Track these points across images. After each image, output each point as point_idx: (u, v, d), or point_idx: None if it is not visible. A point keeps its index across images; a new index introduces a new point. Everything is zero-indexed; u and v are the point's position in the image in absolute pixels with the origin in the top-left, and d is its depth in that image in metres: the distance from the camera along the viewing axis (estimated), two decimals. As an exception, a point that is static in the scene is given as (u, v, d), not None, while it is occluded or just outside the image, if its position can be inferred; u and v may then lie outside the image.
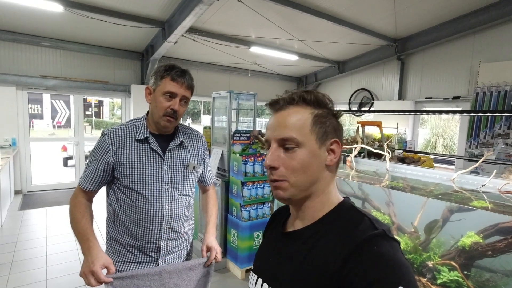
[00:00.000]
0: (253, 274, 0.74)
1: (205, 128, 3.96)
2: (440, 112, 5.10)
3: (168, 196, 1.26)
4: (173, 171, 1.28)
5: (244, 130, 3.17)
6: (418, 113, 4.88)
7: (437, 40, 5.63)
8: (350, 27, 5.32)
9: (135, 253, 1.27)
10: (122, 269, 1.27)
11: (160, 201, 1.24)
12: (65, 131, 16.76)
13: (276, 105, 0.67)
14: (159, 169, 1.25)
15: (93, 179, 1.23)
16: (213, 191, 1.54)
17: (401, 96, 6.53)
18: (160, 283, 1.19)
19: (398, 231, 1.29)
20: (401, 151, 3.88)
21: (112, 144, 1.22)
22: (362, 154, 3.06)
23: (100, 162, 1.22)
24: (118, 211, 1.26)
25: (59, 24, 5.01)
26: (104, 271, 1.10)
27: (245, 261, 2.98)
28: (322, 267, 0.57)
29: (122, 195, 1.24)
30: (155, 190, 1.23)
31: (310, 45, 6.23)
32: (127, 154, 1.22)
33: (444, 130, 9.25)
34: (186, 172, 1.32)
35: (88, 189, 1.24)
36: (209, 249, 1.32)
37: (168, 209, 1.26)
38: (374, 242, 0.54)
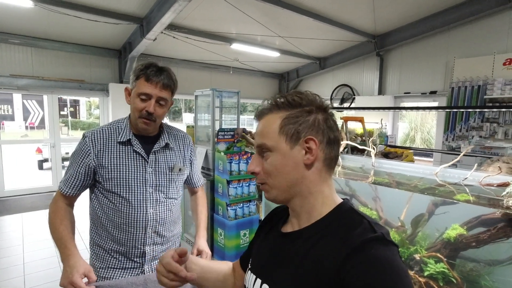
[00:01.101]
0: (251, 274, 0.73)
1: (188, 127, 3.89)
2: (418, 108, 5.27)
3: (153, 199, 1.22)
4: (158, 174, 1.24)
5: (228, 128, 3.14)
6: (396, 109, 5.01)
7: (414, 37, 5.80)
8: (330, 24, 5.37)
9: (120, 259, 1.22)
10: (107, 276, 1.22)
11: (144, 205, 1.20)
12: (39, 132, 16.05)
13: (256, 117, 0.71)
14: (143, 172, 1.21)
15: (73, 183, 1.18)
16: (202, 193, 1.51)
17: (381, 91, 6.68)
18: None
19: (385, 225, 1.31)
20: (383, 146, 3.97)
21: (93, 146, 1.17)
22: (346, 150, 3.10)
23: (81, 165, 1.17)
24: (101, 215, 1.21)
25: (30, 20, 4.75)
26: (85, 279, 1.05)
27: (233, 260, 2.95)
28: (320, 269, 0.57)
29: (105, 199, 1.20)
30: (139, 193, 1.19)
31: (291, 42, 6.25)
32: (109, 157, 1.18)
33: (422, 124, 9.58)
34: (171, 174, 1.28)
35: (68, 193, 1.19)
36: (200, 252, 1.29)
37: (153, 213, 1.22)
38: (372, 245, 0.54)
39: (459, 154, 1.47)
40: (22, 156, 10.83)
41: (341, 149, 1.99)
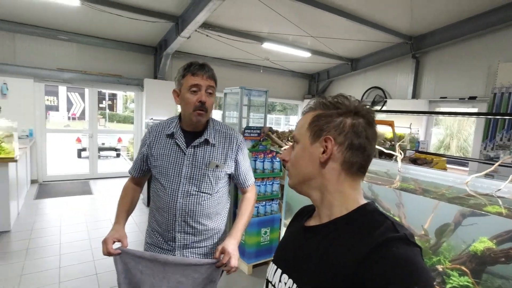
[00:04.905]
0: (273, 264, 0.76)
1: (216, 123, 3.97)
2: (456, 114, 4.99)
3: (184, 190, 1.29)
4: (194, 167, 1.30)
5: (254, 126, 3.18)
6: (427, 114, 4.78)
7: (454, 39, 5.48)
8: (364, 24, 5.23)
9: (158, 238, 1.37)
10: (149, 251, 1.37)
11: (176, 194, 1.29)
12: (79, 123, 17.12)
13: (302, 114, 0.78)
14: (180, 164, 1.31)
15: (135, 167, 1.42)
16: (251, 194, 1.45)
17: (415, 95, 6.40)
18: (163, 276, 1.20)
19: (408, 233, 1.28)
20: (413, 151, 3.82)
21: (149, 137, 1.38)
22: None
23: (140, 152, 1.40)
24: (152, 197, 1.41)
25: (76, 18, 5.10)
26: (119, 244, 1.24)
27: (252, 257, 3.00)
28: (341, 265, 0.57)
29: (153, 183, 1.39)
30: (173, 182, 1.30)
31: (323, 42, 6.16)
32: (157, 147, 1.35)
33: (459, 130, 9.03)
34: (206, 170, 1.30)
35: (133, 175, 1.43)
36: (223, 252, 1.20)
37: (182, 203, 1.29)
38: (393, 244, 0.54)
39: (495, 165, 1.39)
40: (64, 144, 11.62)
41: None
